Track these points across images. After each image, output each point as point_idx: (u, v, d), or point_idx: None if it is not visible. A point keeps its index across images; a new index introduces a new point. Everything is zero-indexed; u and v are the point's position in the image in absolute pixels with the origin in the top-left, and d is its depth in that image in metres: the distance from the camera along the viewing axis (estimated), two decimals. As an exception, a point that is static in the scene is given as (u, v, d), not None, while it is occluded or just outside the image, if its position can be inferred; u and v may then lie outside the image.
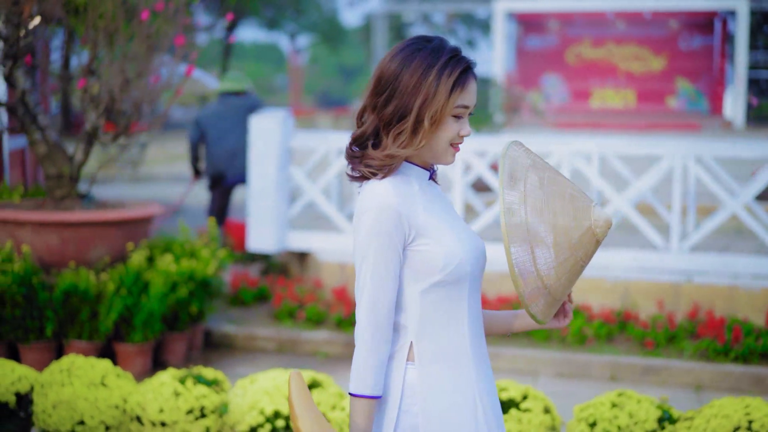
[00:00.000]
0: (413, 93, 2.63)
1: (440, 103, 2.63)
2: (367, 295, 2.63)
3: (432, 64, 2.65)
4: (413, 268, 2.66)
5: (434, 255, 2.65)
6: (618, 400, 4.99)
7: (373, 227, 2.61)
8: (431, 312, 2.69)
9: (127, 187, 18.99)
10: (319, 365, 7.69)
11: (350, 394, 2.63)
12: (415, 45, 2.69)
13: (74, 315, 7.24)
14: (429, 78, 2.63)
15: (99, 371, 5.33)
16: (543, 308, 2.73)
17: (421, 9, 34.50)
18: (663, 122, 29.58)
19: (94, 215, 7.55)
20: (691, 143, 8.58)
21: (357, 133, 2.72)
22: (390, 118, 2.66)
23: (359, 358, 2.63)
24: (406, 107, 2.64)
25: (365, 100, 2.72)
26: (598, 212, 2.73)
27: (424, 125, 2.63)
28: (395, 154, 2.65)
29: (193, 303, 7.66)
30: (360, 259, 2.65)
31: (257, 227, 9.25)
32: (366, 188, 2.67)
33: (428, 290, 2.67)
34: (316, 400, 5.10)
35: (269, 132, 9.16)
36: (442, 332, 2.70)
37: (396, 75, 2.65)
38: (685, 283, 8.16)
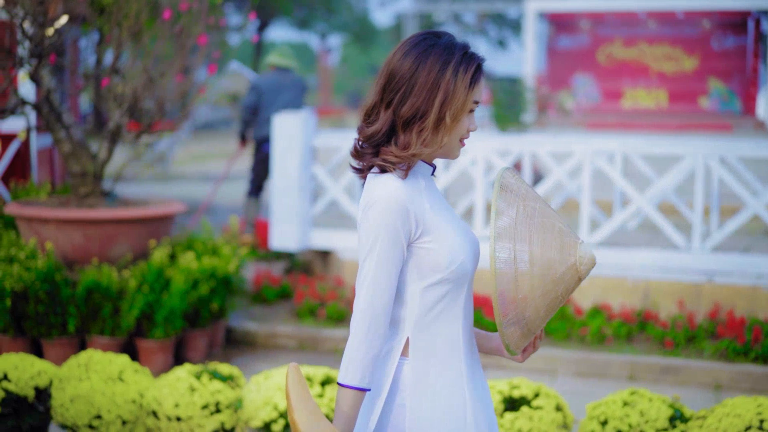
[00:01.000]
0: (432, 90, 2.65)
1: (461, 100, 2.66)
2: (367, 288, 2.64)
3: (447, 60, 2.67)
4: (417, 264, 2.69)
5: (439, 253, 2.68)
6: (630, 398, 5.00)
7: (380, 221, 2.62)
8: (430, 309, 2.72)
9: (156, 185, 19.11)
10: (338, 362, 7.73)
11: (339, 384, 2.66)
12: (427, 42, 2.71)
13: (96, 311, 7.32)
14: (446, 75, 2.66)
15: (116, 366, 5.40)
16: (517, 339, 2.73)
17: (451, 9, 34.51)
18: (695, 122, 29.40)
19: (117, 213, 7.62)
20: (712, 143, 8.56)
21: (370, 130, 2.72)
22: (409, 117, 2.67)
23: (352, 349, 2.65)
24: (425, 105, 2.65)
25: (374, 97, 2.73)
26: (583, 250, 2.74)
27: (446, 122, 2.66)
28: (418, 153, 2.67)
29: (214, 300, 7.72)
30: (365, 252, 2.66)
31: (280, 225, 9.30)
32: (374, 182, 2.69)
33: (430, 287, 2.70)
34: (330, 395, 5.14)
35: (292, 131, 9.21)
36: (438, 329, 2.73)
37: (412, 72, 2.67)
38: (706, 283, 8.14)
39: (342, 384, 2.66)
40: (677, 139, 10.12)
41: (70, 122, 7.85)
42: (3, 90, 7.69)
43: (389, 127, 2.70)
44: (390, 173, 2.68)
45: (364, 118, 2.76)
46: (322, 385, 5.21)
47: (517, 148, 9.35)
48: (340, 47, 53.65)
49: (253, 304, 8.95)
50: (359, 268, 2.68)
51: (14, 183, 9.30)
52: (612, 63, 32.92)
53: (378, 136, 2.70)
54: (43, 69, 7.74)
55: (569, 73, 32.59)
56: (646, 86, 32.79)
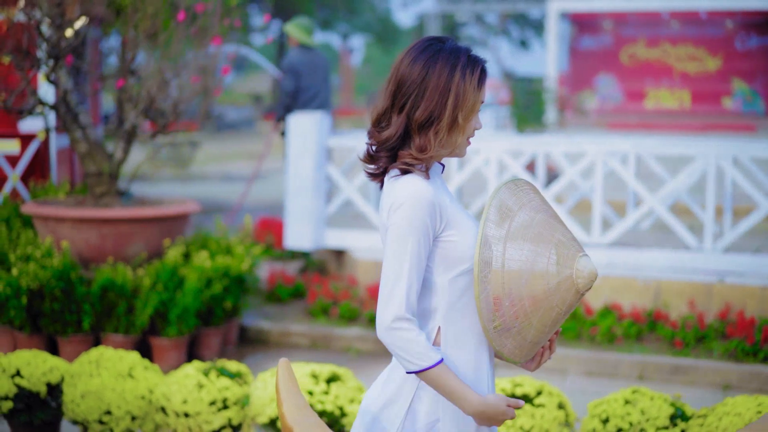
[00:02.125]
0: (443, 93, 2.77)
1: (471, 101, 2.79)
2: (404, 284, 2.71)
3: (455, 64, 2.79)
4: (444, 257, 2.79)
5: (463, 245, 2.79)
6: (632, 396, 5.05)
7: (412, 219, 2.72)
8: (457, 299, 2.82)
9: (177, 185, 19.25)
10: (350, 361, 7.80)
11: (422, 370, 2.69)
12: (433, 47, 2.83)
13: (111, 309, 7.42)
14: (455, 78, 2.78)
15: (127, 363, 5.49)
16: (512, 348, 2.82)
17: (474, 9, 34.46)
18: (718, 123, 29.30)
19: (132, 212, 7.72)
20: (725, 144, 8.59)
21: (384, 135, 2.82)
22: (424, 120, 2.78)
23: (410, 341, 2.69)
24: (439, 108, 2.78)
25: (385, 102, 2.84)
26: (584, 263, 2.79)
27: (459, 123, 2.80)
28: (436, 154, 2.81)
29: (228, 299, 7.81)
30: (396, 249, 2.73)
31: (294, 225, 9.39)
32: (397, 183, 2.78)
33: (456, 278, 2.81)
34: (335, 393, 5.21)
35: (306, 131, 9.29)
36: (465, 318, 2.84)
37: (422, 77, 2.78)
38: (717, 284, 8.17)
39: (427, 367, 2.69)
40: (690, 140, 10.14)
41: (86, 122, 7.96)
42: (21, 91, 7.81)
43: (403, 131, 2.81)
44: (412, 174, 2.78)
45: (375, 124, 2.86)
46: (328, 382, 5.28)
47: (529, 149, 9.40)
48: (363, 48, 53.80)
49: (266, 303, 9.04)
50: (387, 265, 2.74)
51: (33, 182, 9.41)
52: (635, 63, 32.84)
53: (393, 141, 2.81)
54: (60, 70, 7.85)
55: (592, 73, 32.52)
56: (669, 87, 32.68)
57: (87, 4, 7.94)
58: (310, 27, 10.69)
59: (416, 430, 2.82)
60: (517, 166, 9.04)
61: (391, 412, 2.85)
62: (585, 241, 8.59)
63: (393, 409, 2.85)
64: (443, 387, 2.72)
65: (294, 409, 2.69)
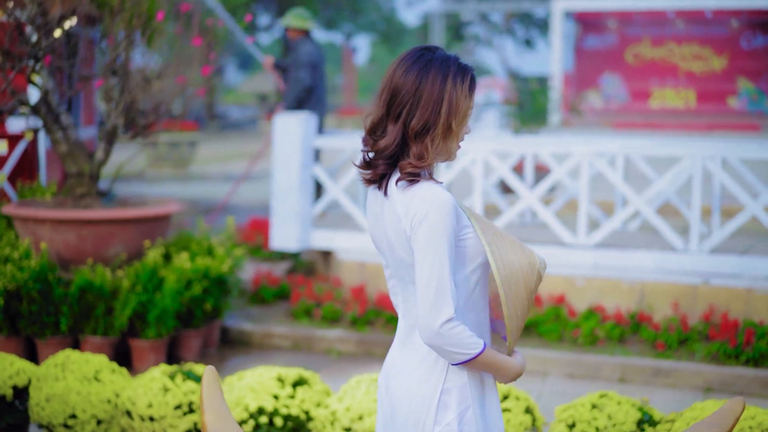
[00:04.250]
0: (437, 102, 2.87)
1: (463, 108, 2.90)
2: (448, 288, 2.81)
3: (446, 73, 2.90)
4: (461, 254, 2.91)
5: (477, 240, 2.92)
6: (599, 401, 4.99)
7: (440, 226, 2.81)
8: (473, 292, 2.96)
9: (177, 185, 19.22)
10: (331, 363, 7.76)
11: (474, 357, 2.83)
12: (425, 57, 2.92)
13: (89, 311, 7.38)
14: (447, 86, 2.88)
15: (93, 366, 5.45)
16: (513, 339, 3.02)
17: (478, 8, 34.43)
18: (723, 123, 29.20)
19: (111, 213, 7.68)
20: (712, 144, 8.52)
21: (381, 144, 2.91)
22: (420, 128, 2.87)
23: (459, 335, 2.81)
24: (434, 116, 2.87)
25: (380, 111, 2.92)
26: (537, 254, 3.03)
27: (453, 130, 2.90)
28: (434, 162, 2.92)
29: (208, 300, 7.76)
30: (434, 256, 2.81)
31: (280, 225, 9.34)
32: (415, 192, 2.86)
33: (472, 272, 2.94)
34: (301, 397, 5.16)
35: (292, 131, 9.24)
36: (479, 309, 3.00)
37: (416, 87, 2.87)
38: (701, 285, 8.10)
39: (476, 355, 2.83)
40: (678, 141, 10.08)
41: (67, 123, 7.92)
42: (2, 91, 7.77)
43: (400, 140, 2.89)
44: (426, 182, 2.87)
45: (370, 132, 2.95)
46: (294, 386, 5.23)
47: (517, 150, 9.34)
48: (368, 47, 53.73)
49: (250, 304, 8.99)
50: (427, 271, 2.82)
51: (21, 183, 9.38)
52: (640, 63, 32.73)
53: (390, 149, 2.90)
54: (42, 70, 7.81)
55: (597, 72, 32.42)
56: (675, 86, 32.57)
57: (71, 2, 7.90)
58: (308, 15, 10.70)
59: (449, 422, 2.92)
60: (504, 168, 8.98)
61: (422, 409, 2.94)
62: (571, 242, 8.53)
63: (430, 401, 2.94)
64: (492, 364, 2.89)
65: (216, 419, 2.64)
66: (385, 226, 2.95)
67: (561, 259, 8.49)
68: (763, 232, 9.23)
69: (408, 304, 3.03)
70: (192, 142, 21.24)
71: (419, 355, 2.98)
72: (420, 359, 2.97)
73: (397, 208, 2.89)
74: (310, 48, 10.44)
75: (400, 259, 2.95)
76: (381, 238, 3.01)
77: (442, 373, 2.93)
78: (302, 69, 10.29)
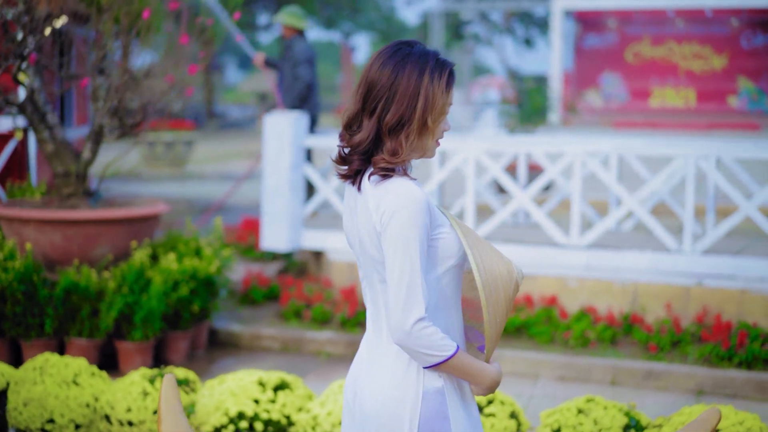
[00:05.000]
0: (413, 97, 2.80)
1: (439, 104, 2.83)
2: (419, 287, 2.74)
3: (424, 67, 2.83)
4: (434, 254, 2.83)
5: (451, 241, 2.85)
6: (585, 406, 4.90)
7: (411, 223, 2.74)
8: (443, 293, 2.87)
9: (174, 185, 19.14)
10: (320, 365, 7.67)
11: (445, 360, 2.76)
12: (402, 51, 2.85)
13: (75, 312, 7.29)
14: (424, 81, 2.81)
15: (72, 369, 5.36)
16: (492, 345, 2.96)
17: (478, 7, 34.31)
18: (723, 122, 29.11)
19: (97, 213, 7.60)
20: (705, 144, 8.42)
21: (356, 139, 2.85)
22: (394, 124, 2.81)
23: (431, 336, 2.74)
24: (408, 111, 2.80)
25: (356, 106, 2.86)
26: (515, 263, 2.97)
27: (429, 126, 2.83)
28: (408, 158, 2.84)
29: (195, 302, 7.67)
30: (404, 254, 2.74)
31: (270, 226, 9.26)
32: (388, 188, 2.79)
33: (444, 274, 2.86)
34: (282, 401, 5.08)
35: (282, 131, 9.16)
36: (450, 312, 2.90)
37: (392, 81, 2.81)
38: (695, 286, 8.01)
39: (449, 357, 2.76)
40: (670, 140, 9.99)
41: (54, 122, 7.83)
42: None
43: (375, 135, 2.83)
44: (399, 178, 2.81)
45: (347, 127, 2.89)
46: (275, 390, 5.14)
47: (509, 149, 9.26)
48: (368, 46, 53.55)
49: (240, 305, 8.90)
50: (397, 270, 2.74)
51: (11, 183, 9.30)
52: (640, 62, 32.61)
53: (365, 144, 2.83)
54: (28, 69, 7.73)
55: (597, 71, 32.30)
56: (675, 85, 32.46)
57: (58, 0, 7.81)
58: (303, 14, 10.63)
59: (429, 419, 2.84)
60: (496, 167, 8.89)
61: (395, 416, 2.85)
62: (563, 243, 8.44)
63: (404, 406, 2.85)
64: (466, 369, 2.81)
65: (173, 429, 2.55)
66: (358, 221, 2.89)
67: (553, 259, 8.40)
68: (757, 232, 9.13)
69: (376, 305, 2.94)
70: (189, 141, 21.16)
71: (389, 358, 2.89)
72: (390, 362, 2.88)
73: (369, 204, 2.83)
74: (305, 45, 10.40)
75: (370, 256, 2.88)
76: (354, 235, 2.94)
77: (415, 377, 2.84)
78: (301, 66, 10.22)
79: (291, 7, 10.66)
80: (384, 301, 2.90)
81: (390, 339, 2.87)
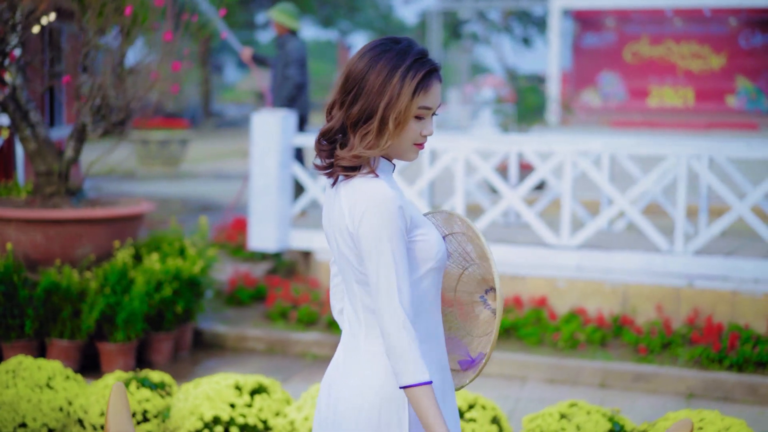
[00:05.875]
0: (378, 94, 2.70)
1: (403, 105, 2.70)
2: (395, 288, 2.65)
3: (397, 65, 2.71)
4: (413, 257, 2.75)
5: (430, 243, 2.76)
6: (568, 411, 4.79)
7: (382, 221, 2.66)
8: (423, 297, 2.78)
9: (167, 184, 19.01)
10: (306, 367, 7.56)
11: (412, 386, 2.62)
12: (383, 46, 2.76)
13: (56, 313, 7.18)
14: (393, 80, 2.70)
15: (46, 373, 5.25)
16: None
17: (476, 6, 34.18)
18: (722, 121, 29.00)
19: (80, 213, 7.49)
20: (697, 143, 8.32)
21: (325, 127, 2.77)
22: (356, 118, 2.72)
23: (406, 350, 2.62)
24: (371, 108, 2.71)
25: (334, 95, 2.78)
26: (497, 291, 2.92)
27: (389, 127, 2.70)
28: (361, 155, 2.71)
29: (179, 302, 7.55)
30: (375, 256, 2.66)
31: (258, 225, 9.14)
32: (355, 185, 2.71)
33: (422, 277, 2.77)
34: (259, 406, 4.96)
35: (270, 129, 9.05)
36: (430, 315, 2.81)
37: (363, 75, 2.72)
38: (686, 287, 7.90)
39: (419, 383, 2.62)
40: (663, 139, 9.89)
41: (36, 120, 7.72)
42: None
43: (340, 126, 2.75)
44: (364, 176, 2.72)
45: (326, 114, 2.81)
46: (252, 394, 5.03)
47: (499, 148, 9.15)
48: (367, 45, 53.34)
49: (227, 305, 8.78)
50: (371, 273, 2.66)
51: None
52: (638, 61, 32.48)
53: (331, 134, 2.76)
54: (11, 66, 7.61)
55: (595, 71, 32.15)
56: (673, 84, 32.32)
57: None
58: (297, 12, 10.51)
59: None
60: (486, 167, 8.78)
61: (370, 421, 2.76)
62: (553, 243, 8.32)
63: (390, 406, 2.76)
64: (425, 408, 2.62)
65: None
66: (333, 218, 2.80)
67: (544, 260, 8.29)
68: (751, 233, 9.02)
69: (354, 306, 2.83)
70: (183, 140, 21.02)
71: (368, 359, 2.79)
72: (371, 363, 2.78)
73: (342, 202, 2.75)
74: (298, 44, 10.28)
75: (344, 255, 2.78)
76: (330, 232, 2.85)
77: (392, 379, 2.74)
78: (292, 66, 10.10)
79: (284, 4, 10.52)
80: (362, 303, 2.79)
81: (368, 340, 2.79)
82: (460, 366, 3.02)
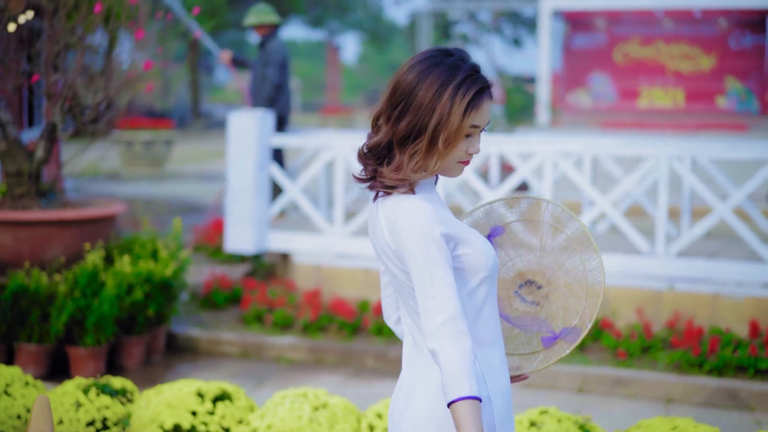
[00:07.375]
0: (428, 111, 2.59)
1: (454, 126, 2.58)
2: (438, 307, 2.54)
3: (447, 82, 2.59)
4: (461, 272, 2.66)
5: (476, 256, 2.66)
6: (539, 418, 4.66)
7: (422, 241, 2.56)
8: (480, 310, 2.71)
9: (151, 184, 18.87)
10: (280, 371, 7.43)
11: (456, 401, 2.47)
12: (434, 59, 2.63)
13: (24, 317, 7.04)
14: (443, 98, 2.58)
15: (4, 379, 5.11)
16: None
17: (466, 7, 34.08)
18: (712, 122, 28.94)
19: (49, 214, 7.35)
20: (679, 144, 8.20)
21: (372, 141, 2.67)
22: (404, 135, 2.61)
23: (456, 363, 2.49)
24: (420, 126, 2.59)
25: (381, 106, 2.68)
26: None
27: (439, 146, 2.59)
28: (408, 179, 2.61)
29: (150, 306, 7.42)
30: (417, 275, 2.58)
31: (235, 227, 9.00)
32: (394, 204, 2.63)
33: (475, 289, 2.69)
34: (222, 413, 4.83)
35: (247, 129, 8.92)
36: (490, 320, 2.73)
37: (411, 89, 2.61)
38: (666, 291, 7.77)
39: (463, 398, 2.47)
40: (644, 140, 9.77)
41: (6, 120, 7.58)
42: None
43: (387, 142, 2.65)
44: (402, 193, 2.62)
45: (372, 125, 2.72)
46: (214, 401, 4.89)
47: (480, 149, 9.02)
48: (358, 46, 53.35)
49: (202, 309, 8.64)
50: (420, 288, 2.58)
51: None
52: (628, 62, 32.40)
53: (379, 149, 2.66)
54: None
55: (585, 72, 32.08)
56: (663, 85, 32.27)
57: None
58: (270, 8, 10.41)
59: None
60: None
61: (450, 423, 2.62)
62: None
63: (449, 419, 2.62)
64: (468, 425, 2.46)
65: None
66: (375, 232, 2.73)
67: (523, 262, 8.15)
68: (734, 235, 8.90)
69: (413, 318, 2.75)
70: (168, 140, 20.88)
71: (430, 370, 2.69)
72: (429, 379, 2.69)
73: (381, 219, 2.68)
74: (278, 45, 10.16)
75: (390, 270, 2.73)
76: (375, 244, 2.77)
77: None
78: (270, 66, 9.97)
79: (257, 6, 10.41)
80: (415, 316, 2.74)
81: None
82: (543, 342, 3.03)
